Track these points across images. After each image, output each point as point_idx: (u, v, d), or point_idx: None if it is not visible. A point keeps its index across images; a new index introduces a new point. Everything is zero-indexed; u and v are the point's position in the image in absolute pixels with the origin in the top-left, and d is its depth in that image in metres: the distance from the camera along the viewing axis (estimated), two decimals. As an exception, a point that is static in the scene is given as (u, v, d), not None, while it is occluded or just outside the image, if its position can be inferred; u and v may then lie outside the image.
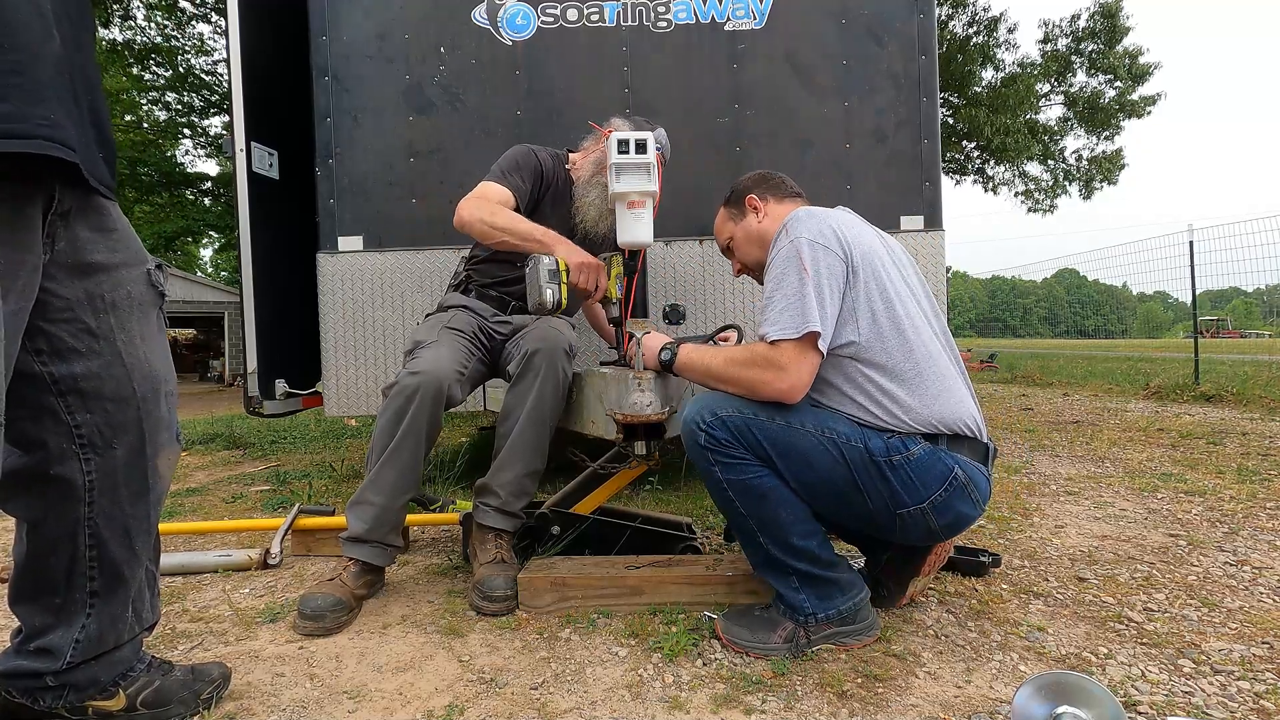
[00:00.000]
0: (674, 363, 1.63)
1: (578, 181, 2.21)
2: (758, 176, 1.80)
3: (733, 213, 1.80)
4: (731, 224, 1.81)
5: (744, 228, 1.77)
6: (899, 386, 1.47)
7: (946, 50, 12.39)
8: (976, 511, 1.52)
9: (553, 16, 2.93)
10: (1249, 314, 66.34)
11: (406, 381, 1.82)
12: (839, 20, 2.93)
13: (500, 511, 1.91)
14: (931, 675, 1.40)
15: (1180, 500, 2.76)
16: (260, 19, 3.05)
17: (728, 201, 1.82)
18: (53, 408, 1.10)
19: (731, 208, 1.81)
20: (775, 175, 1.80)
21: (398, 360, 2.86)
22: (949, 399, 1.49)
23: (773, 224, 1.69)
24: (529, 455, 1.91)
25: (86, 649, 1.18)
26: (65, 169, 1.02)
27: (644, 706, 1.31)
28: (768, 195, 1.75)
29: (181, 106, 13.25)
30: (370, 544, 1.83)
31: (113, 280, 1.14)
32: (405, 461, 1.82)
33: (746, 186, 1.78)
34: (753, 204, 1.75)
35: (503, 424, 1.93)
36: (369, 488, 1.84)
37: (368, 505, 1.83)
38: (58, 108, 1.00)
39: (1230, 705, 1.26)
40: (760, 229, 1.73)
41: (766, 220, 1.73)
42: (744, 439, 1.47)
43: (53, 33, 1.00)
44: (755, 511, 1.50)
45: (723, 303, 2.93)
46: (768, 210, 1.74)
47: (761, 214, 1.74)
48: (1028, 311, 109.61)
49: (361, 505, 1.84)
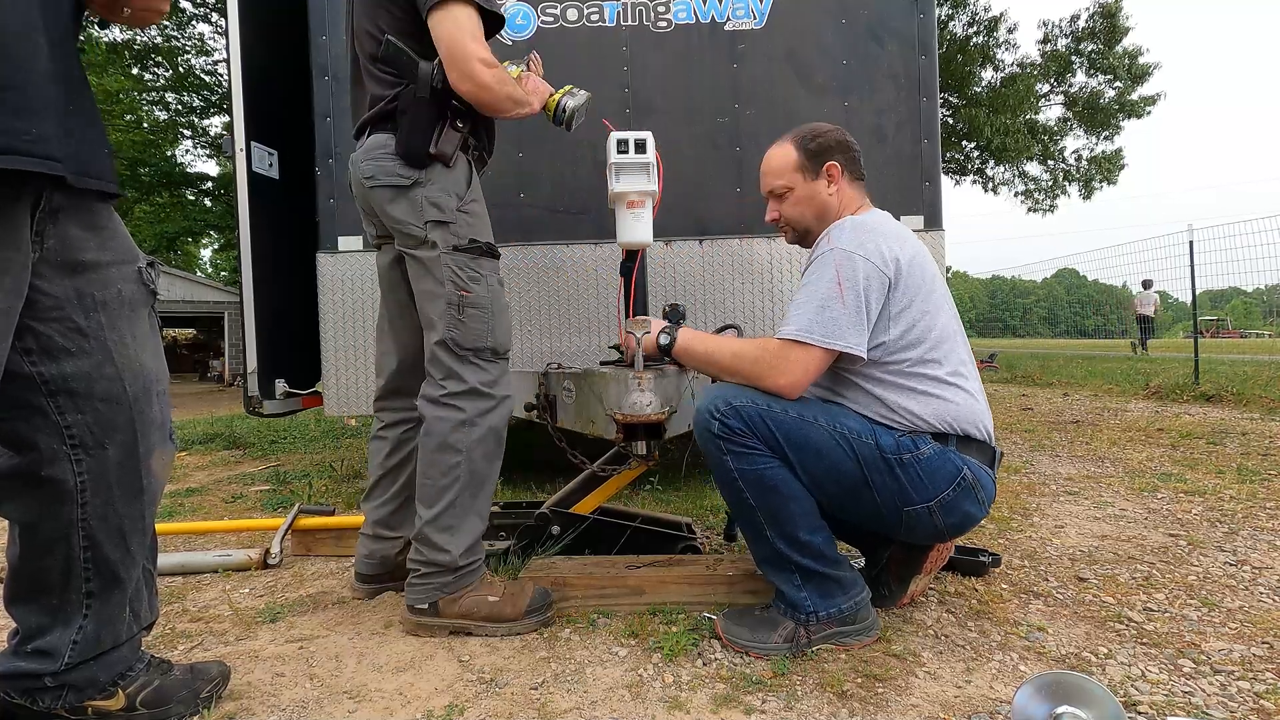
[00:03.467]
0: (673, 346, 1.63)
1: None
2: (842, 141, 1.67)
3: (806, 165, 1.65)
4: (799, 175, 1.66)
5: (813, 189, 1.66)
6: (920, 385, 1.50)
7: (946, 50, 12.40)
8: (982, 512, 1.54)
9: (553, 16, 2.93)
10: (1249, 314, 66.38)
11: (502, 407, 1.68)
12: (839, 20, 2.93)
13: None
14: (931, 675, 1.40)
15: (1180, 500, 2.75)
16: (260, 19, 3.05)
17: (804, 148, 1.66)
18: (43, 408, 1.10)
19: (809, 159, 1.65)
20: (856, 146, 1.70)
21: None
22: (966, 401, 1.52)
23: (838, 203, 1.65)
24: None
25: (84, 649, 1.18)
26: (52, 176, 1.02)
27: (644, 706, 1.31)
28: (847, 169, 1.66)
29: (181, 107, 13.25)
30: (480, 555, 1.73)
31: (103, 279, 1.13)
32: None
33: (831, 146, 1.65)
34: (831, 172, 1.65)
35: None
36: (481, 506, 1.68)
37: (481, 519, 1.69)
38: (47, 119, 1.00)
39: (1230, 705, 1.26)
40: (826, 201, 1.65)
41: (835, 196, 1.65)
42: (757, 429, 1.47)
43: (40, 42, 1.00)
44: (764, 503, 1.50)
45: (723, 303, 2.93)
46: (841, 187, 1.66)
47: (835, 187, 1.65)
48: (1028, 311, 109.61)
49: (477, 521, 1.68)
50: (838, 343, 1.47)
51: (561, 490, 2.26)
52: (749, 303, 2.93)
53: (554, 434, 2.12)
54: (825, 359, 1.49)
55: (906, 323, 1.51)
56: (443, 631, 1.62)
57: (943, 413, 1.50)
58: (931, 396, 1.50)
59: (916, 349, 1.51)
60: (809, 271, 1.56)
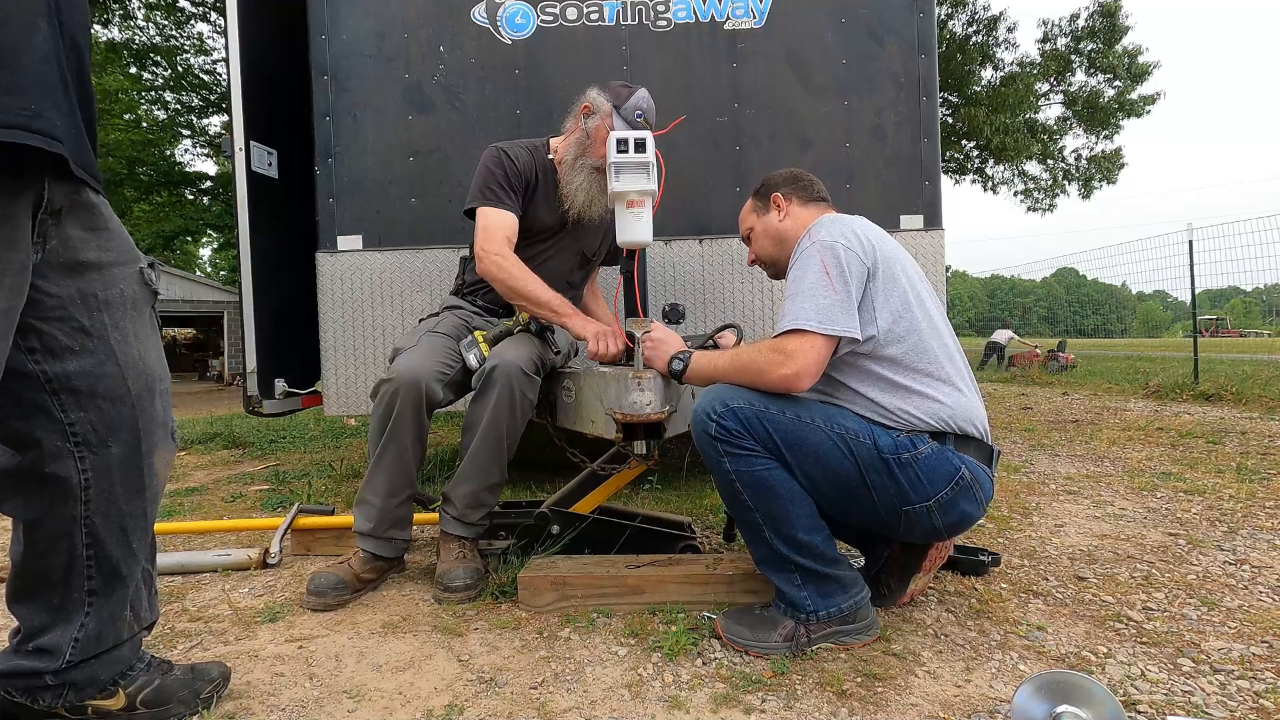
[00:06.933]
0: (684, 374, 1.65)
1: (561, 167, 2.16)
2: (789, 175, 1.82)
3: (758, 205, 1.83)
4: (754, 216, 1.83)
5: (765, 223, 1.80)
6: (913, 383, 1.51)
7: (946, 50, 12.39)
8: (980, 512, 1.55)
9: (552, 15, 2.93)
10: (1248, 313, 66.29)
11: (383, 389, 1.89)
12: (839, 20, 2.93)
13: (458, 521, 1.96)
14: (931, 674, 1.40)
15: (1179, 499, 2.76)
16: (259, 18, 3.04)
17: (756, 193, 1.84)
18: (46, 406, 1.10)
19: (758, 200, 1.83)
20: (806, 176, 1.81)
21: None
22: (959, 399, 1.52)
23: (792, 224, 1.74)
24: (487, 469, 1.93)
25: (85, 648, 1.18)
26: (51, 161, 1.01)
27: (644, 706, 1.31)
28: (793, 196, 1.77)
29: (180, 106, 13.23)
30: (375, 538, 1.93)
31: (105, 279, 1.13)
32: (392, 465, 1.91)
33: (776, 183, 1.80)
34: (777, 202, 1.78)
35: (464, 436, 1.96)
36: (366, 488, 1.95)
37: (368, 505, 1.94)
38: (43, 98, 0.99)
39: (1230, 704, 1.27)
40: (779, 228, 1.76)
41: (786, 220, 1.76)
42: (754, 430, 1.48)
43: (38, 23, 0.99)
44: (762, 504, 1.50)
45: (722, 302, 2.93)
46: (790, 211, 1.76)
47: (783, 213, 1.77)
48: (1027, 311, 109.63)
49: (363, 504, 1.95)
50: (834, 328, 1.47)
51: (561, 490, 2.26)
52: (748, 302, 2.93)
53: (554, 434, 2.13)
54: (825, 345, 1.48)
55: (891, 314, 1.51)
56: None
57: (938, 411, 1.50)
58: (925, 396, 1.50)
59: (904, 342, 1.51)
60: (793, 268, 1.58)
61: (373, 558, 1.93)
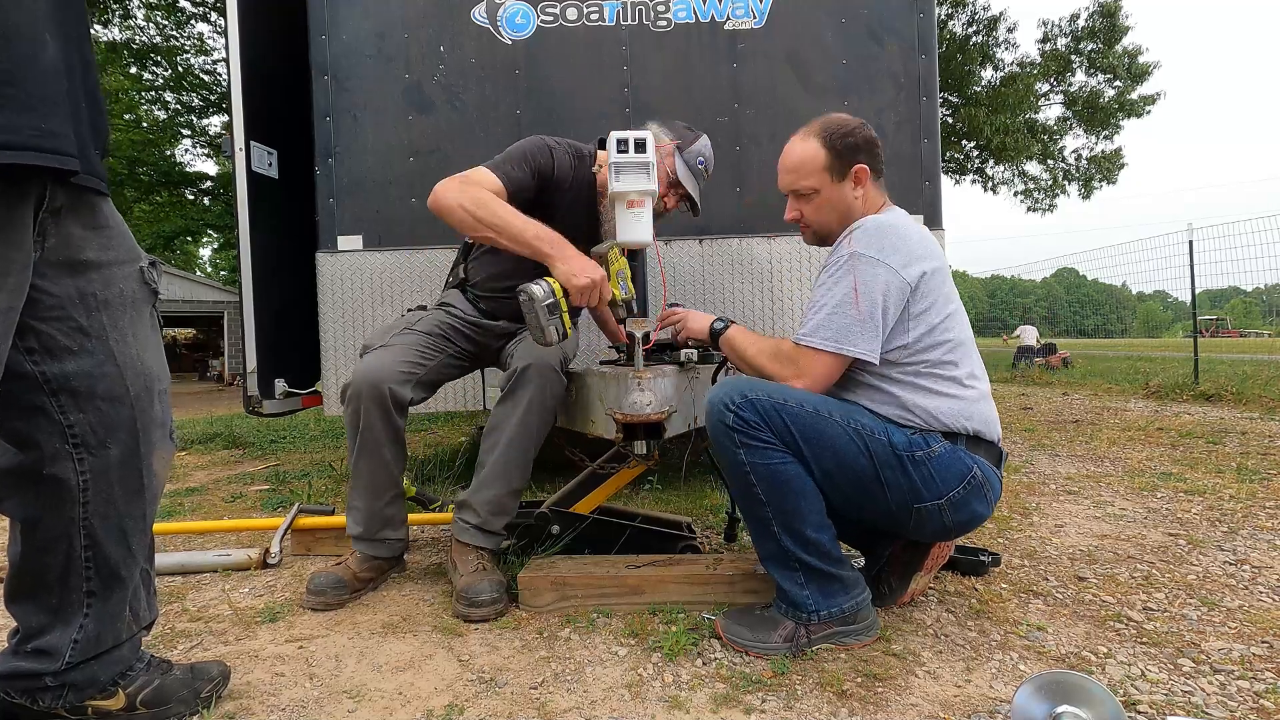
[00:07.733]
0: (723, 334, 1.69)
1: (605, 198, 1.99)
2: (870, 139, 1.62)
3: (834, 166, 1.60)
4: (826, 176, 1.61)
5: (839, 192, 1.62)
6: (936, 386, 1.52)
7: (946, 50, 12.39)
8: (989, 511, 1.57)
9: (552, 15, 2.93)
10: (1248, 313, 66.27)
11: (348, 393, 1.86)
12: (839, 20, 2.93)
13: (480, 530, 1.87)
14: (931, 675, 1.40)
15: (1180, 499, 2.76)
16: (260, 18, 3.04)
17: (832, 146, 1.60)
18: (45, 407, 1.10)
19: (835, 159, 1.60)
20: (879, 142, 1.66)
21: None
22: (979, 403, 1.54)
23: (863, 206, 1.64)
24: (512, 474, 1.86)
25: (85, 648, 1.18)
26: (58, 170, 1.02)
27: (644, 706, 1.31)
28: (874, 171, 1.64)
29: (180, 106, 13.24)
30: (367, 540, 1.93)
31: (105, 278, 1.13)
32: (370, 469, 1.88)
33: (859, 146, 1.60)
34: (860, 175, 1.61)
35: (488, 438, 1.88)
36: (351, 493, 1.95)
37: (356, 509, 1.93)
38: (55, 113, 0.99)
39: (1230, 704, 1.26)
40: (851, 205, 1.63)
41: (860, 200, 1.63)
42: (772, 423, 1.47)
43: (45, 37, 0.99)
44: (775, 498, 1.50)
45: (722, 302, 2.93)
46: (867, 190, 1.63)
47: (861, 190, 1.62)
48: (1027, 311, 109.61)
49: (351, 509, 1.95)
50: (847, 348, 1.49)
51: (561, 490, 2.26)
52: (748, 302, 2.93)
53: (554, 433, 2.12)
54: (836, 363, 1.51)
55: (926, 325, 1.52)
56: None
57: (958, 412, 1.51)
58: (948, 396, 1.51)
59: (935, 350, 1.52)
60: (827, 271, 1.56)
61: (370, 558, 1.93)
